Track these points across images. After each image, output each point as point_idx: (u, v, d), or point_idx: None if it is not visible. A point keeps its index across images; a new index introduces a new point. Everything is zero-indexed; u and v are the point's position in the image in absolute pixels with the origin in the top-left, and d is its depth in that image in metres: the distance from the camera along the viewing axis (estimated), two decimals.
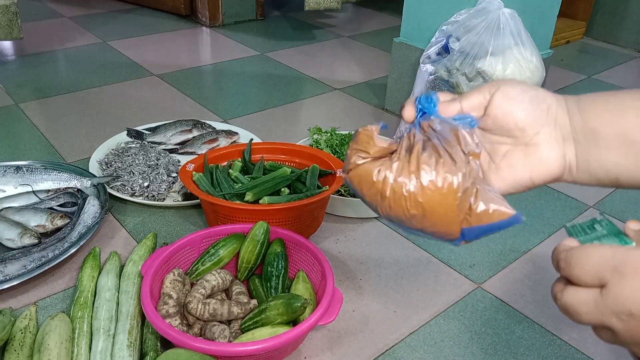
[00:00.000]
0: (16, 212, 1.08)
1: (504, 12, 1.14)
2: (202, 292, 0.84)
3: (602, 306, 0.38)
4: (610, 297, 0.37)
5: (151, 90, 1.77)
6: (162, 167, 1.25)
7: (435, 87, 1.22)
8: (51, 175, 1.18)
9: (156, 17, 2.49)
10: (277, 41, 2.28)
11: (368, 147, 0.52)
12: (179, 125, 1.43)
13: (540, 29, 1.49)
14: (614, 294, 0.37)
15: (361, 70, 2.03)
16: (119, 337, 0.82)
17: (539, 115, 0.48)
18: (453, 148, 0.48)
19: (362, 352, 0.87)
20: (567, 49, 2.39)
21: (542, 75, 1.18)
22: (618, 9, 2.43)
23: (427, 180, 0.47)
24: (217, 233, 0.96)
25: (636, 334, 0.37)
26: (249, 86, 1.85)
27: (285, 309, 0.81)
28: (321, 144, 1.28)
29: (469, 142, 0.48)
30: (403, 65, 1.58)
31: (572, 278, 0.40)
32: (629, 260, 0.37)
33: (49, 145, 1.41)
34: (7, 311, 0.85)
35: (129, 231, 1.11)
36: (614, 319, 0.37)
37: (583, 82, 2.04)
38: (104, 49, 2.10)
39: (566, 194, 1.32)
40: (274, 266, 0.91)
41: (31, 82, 1.78)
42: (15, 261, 0.95)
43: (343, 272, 1.03)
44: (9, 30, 1.78)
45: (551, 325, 0.94)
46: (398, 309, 0.96)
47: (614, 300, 0.37)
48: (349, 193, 1.20)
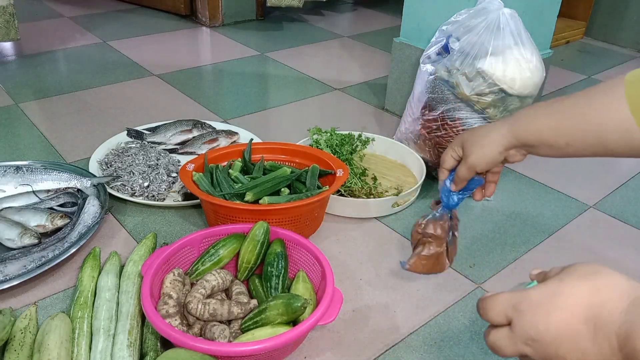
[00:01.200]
0: (16, 212, 1.08)
1: (504, 12, 1.14)
2: (202, 292, 0.84)
3: (513, 338, 0.48)
4: (516, 330, 0.48)
5: (151, 90, 1.77)
6: (162, 167, 1.25)
7: (435, 87, 1.22)
8: (51, 175, 1.18)
9: (156, 17, 2.49)
10: (277, 41, 2.28)
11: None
12: (179, 125, 1.44)
13: (540, 29, 1.49)
14: (517, 327, 0.47)
15: (361, 70, 2.03)
16: (119, 337, 0.82)
17: (500, 151, 0.80)
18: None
19: (362, 352, 0.87)
20: (567, 49, 2.39)
21: (542, 75, 1.18)
22: (618, 9, 2.43)
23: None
24: (217, 233, 0.96)
25: (543, 353, 0.46)
26: (249, 86, 1.85)
27: (285, 309, 0.81)
28: (321, 144, 1.28)
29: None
30: (403, 65, 1.58)
31: (489, 321, 0.51)
32: (525, 299, 0.48)
33: (49, 145, 1.41)
34: (7, 311, 0.85)
35: (129, 231, 1.11)
36: (524, 346, 0.47)
37: (583, 82, 2.04)
38: (104, 49, 2.10)
39: (567, 194, 1.32)
40: (274, 266, 0.91)
41: (31, 82, 1.78)
42: (15, 261, 0.95)
43: (343, 272, 1.03)
44: (6, 31, 1.78)
45: None
46: (398, 309, 0.96)
47: (519, 332, 0.47)
48: (349, 193, 1.20)
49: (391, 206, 1.19)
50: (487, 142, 0.80)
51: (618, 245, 1.15)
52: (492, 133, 0.79)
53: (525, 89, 1.15)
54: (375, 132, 1.42)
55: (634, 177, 1.42)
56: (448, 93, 1.21)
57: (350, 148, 1.28)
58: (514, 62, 1.13)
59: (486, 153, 0.80)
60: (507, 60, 1.13)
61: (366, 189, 1.20)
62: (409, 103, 1.36)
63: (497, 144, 0.78)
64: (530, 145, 0.76)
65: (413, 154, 1.32)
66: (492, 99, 1.16)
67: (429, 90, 1.25)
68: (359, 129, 1.39)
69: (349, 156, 1.26)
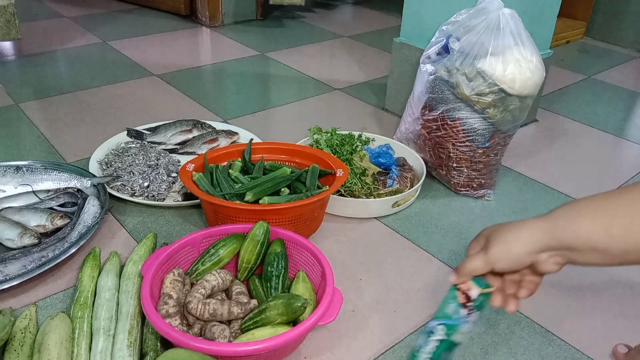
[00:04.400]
0: (16, 212, 1.08)
1: (504, 12, 1.14)
2: (202, 292, 0.84)
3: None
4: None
5: (151, 90, 1.77)
6: (162, 167, 1.25)
7: (435, 87, 1.22)
8: (51, 175, 1.18)
9: (156, 17, 2.49)
10: (277, 41, 2.28)
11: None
12: (179, 125, 1.44)
13: (540, 29, 1.49)
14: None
15: (361, 70, 2.03)
16: (119, 337, 0.82)
17: (530, 249, 0.62)
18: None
19: (362, 352, 0.87)
20: (567, 49, 2.39)
21: (542, 75, 1.18)
22: (618, 9, 2.43)
23: None
24: (217, 233, 0.96)
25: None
26: (249, 86, 1.85)
27: (285, 309, 0.81)
28: (321, 144, 1.28)
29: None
30: (403, 65, 1.58)
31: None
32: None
33: (49, 145, 1.41)
34: (7, 311, 0.85)
35: (129, 231, 1.11)
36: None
37: (583, 82, 2.04)
38: (104, 49, 2.10)
39: (567, 194, 1.32)
40: (274, 266, 0.91)
41: (31, 82, 1.78)
42: (15, 261, 0.95)
43: (343, 272, 1.03)
44: (7, 30, 1.78)
45: (551, 326, 0.94)
46: (398, 309, 0.96)
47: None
48: (349, 193, 1.20)
49: (391, 206, 1.19)
50: (515, 237, 0.63)
51: None
52: (523, 227, 0.63)
53: (525, 89, 1.15)
54: (375, 132, 1.42)
55: (634, 177, 1.42)
56: (448, 93, 1.21)
57: (350, 148, 1.28)
58: (514, 62, 1.13)
59: (511, 249, 0.63)
60: (507, 60, 1.13)
61: (366, 189, 1.20)
62: (409, 103, 1.36)
63: (527, 240, 0.62)
64: (573, 249, 0.59)
65: (413, 153, 1.32)
66: (492, 99, 1.16)
67: (429, 90, 1.25)
68: (359, 129, 1.39)
69: (349, 156, 1.26)
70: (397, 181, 1.21)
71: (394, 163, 1.28)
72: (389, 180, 1.22)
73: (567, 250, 0.60)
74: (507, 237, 0.64)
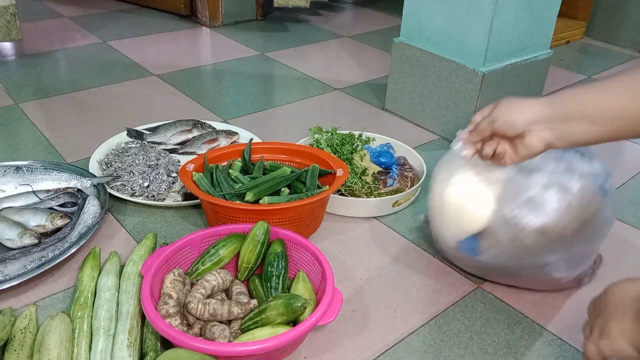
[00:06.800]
0: (16, 212, 1.08)
1: None
2: (202, 292, 0.84)
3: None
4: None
5: (151, 90, 1.77)
6: (162, 167, 1.25)
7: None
8: (51, 175, 1.18)
9: (156, 17, 2.49)
10: (277, 41, 2.28)
11: None
12: (179, 125, 1.44)
13: (540, 29, 1.49)
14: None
15: (361, 70, 2.03)
16: (119, 337, 0.82)
17: (527, 118, 0.73)
18: None
19: (362, 352, 0.87)
20: (567, 49, 2.39)
21: None
22: (618, 9, 2.43)
23: None
24: (217, 233, 0.96)
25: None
26: (249, 86, 1.85)
27: (285, 309, 0.81)
28: (322, 144, 1.27)
29: None
30: (403, 65, 1.58)
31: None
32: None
33: (49, 145, 1.41)
34: (7, 311, 0.85)
35: (129, 231, 1.11)
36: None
37: (583, 82, 2.04)
38: (104, 49, 2.10)
39: None
40: (274, 266, 0.91)
41: (31, 82, 1.78)
42: (15, 261, 0.95)
43: (343, 272, 1.03)
44: (7, 31, 1.78)
45: (551, 325, 0.94)
46: (398, 309, 0.96)
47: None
48: (350, 192, 1.20)
49: (391, 206, 1.19)
50: (518, 105, 0.75)
51: (618, 245, 1.15)
52: (527, 100, 0.75)
53: None
54: (376, 132, 1.42)
55: (634, 177, 1.42)
56: None
57: (351, 147, 1.28)
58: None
59: (513, 113, 0.75)
60: None
61: (366, 189, 1.20)
62: None
63: (528, 108, 0.74)
64: (567, 118, 0.70)
65: (413, 153, 1.32)
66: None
67: None
68: (359, 129, 1.39)
69: (350, 156, 1.26)
70: (397, 180, 1.21)
71: (395, 162, 1.28)
72: (389, 180, 1.22)
73: (562, 120, 0.71)
74: (512, 104, 0.76)
